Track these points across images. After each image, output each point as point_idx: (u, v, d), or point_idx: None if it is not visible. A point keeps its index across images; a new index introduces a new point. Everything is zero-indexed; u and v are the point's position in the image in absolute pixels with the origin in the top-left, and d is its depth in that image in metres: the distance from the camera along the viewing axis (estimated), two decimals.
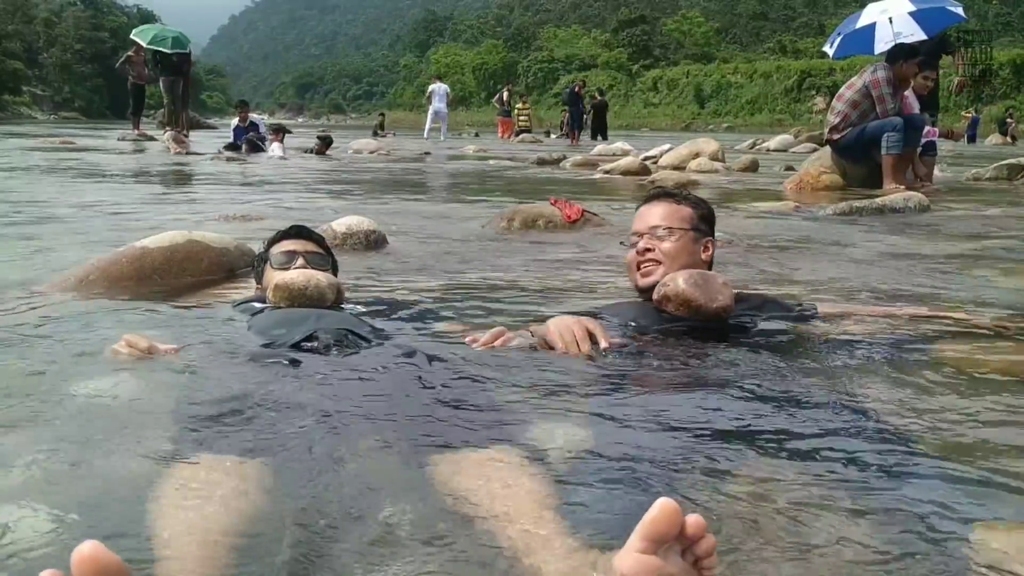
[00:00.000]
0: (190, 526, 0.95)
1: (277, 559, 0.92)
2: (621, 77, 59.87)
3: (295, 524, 0.99)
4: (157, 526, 0.96)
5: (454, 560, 0.93)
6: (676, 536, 0.81)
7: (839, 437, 1.28)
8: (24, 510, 1.02)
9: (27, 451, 1.20)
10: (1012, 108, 30.43)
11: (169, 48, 14.68)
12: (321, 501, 1.04)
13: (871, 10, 7.79)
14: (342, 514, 1.01)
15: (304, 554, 0.93)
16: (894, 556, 0.94)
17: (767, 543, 0.96)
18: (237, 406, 1.33)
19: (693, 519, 0.82)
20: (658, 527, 0.80)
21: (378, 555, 0.93)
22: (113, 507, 1.05)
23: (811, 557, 0.93)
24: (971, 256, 3.36)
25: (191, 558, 0.90)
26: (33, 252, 3.19)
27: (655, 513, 0.80)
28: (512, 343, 1.71)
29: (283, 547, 0.94)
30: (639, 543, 0.81)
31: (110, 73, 26.15)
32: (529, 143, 18.80)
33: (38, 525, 0.98)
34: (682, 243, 1.97)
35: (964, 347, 1.84)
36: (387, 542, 0.95)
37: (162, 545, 0.92)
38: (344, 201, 5.71)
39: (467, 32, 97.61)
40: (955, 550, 0.94)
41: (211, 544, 0.93)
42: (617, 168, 8.62)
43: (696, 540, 0.82)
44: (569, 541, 0.93)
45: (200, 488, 1.05)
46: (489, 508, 1.01)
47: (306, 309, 1.81)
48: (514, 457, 1.16)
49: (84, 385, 1.48)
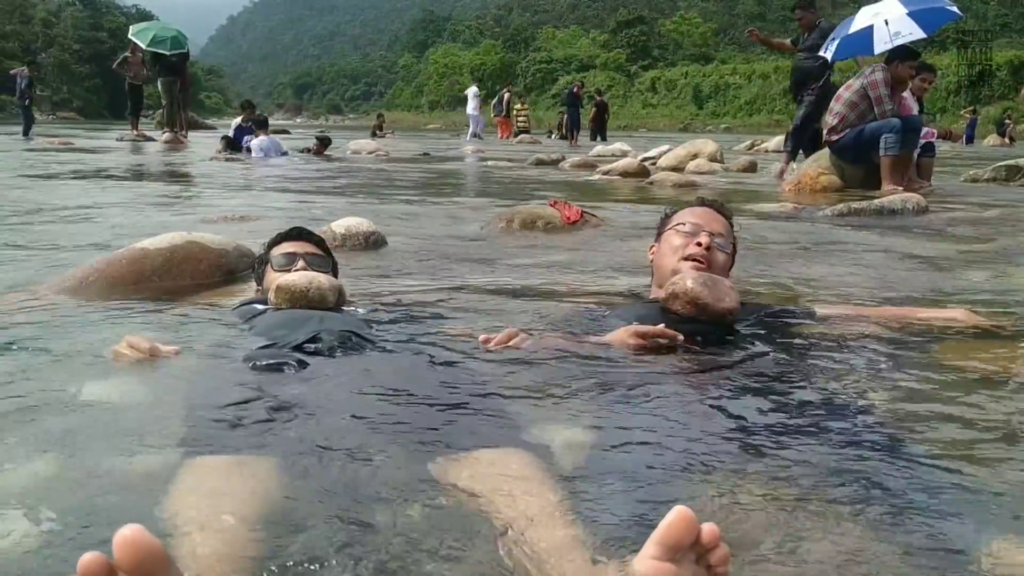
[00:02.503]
0: (201, 525, 0.95)
1: (288, 562, 0.91)
2: (619, 78, 59.90)
3: (304, 527, 0.98)
4: (170, 519, 0.95)
5: (467, 565, 0.92)
6: (692, 544, 0.81)
7: (844, 440, 1.28)
8: (24, 511, 1.02)
9: (27, 452, 1.20)
10: (1010, 109, 30.47)
11: (168, 49, 14.64)
12: (329, 504, 1.03)
13: (864, 13, 7.80)
14: (351, 518, 1.00)
15: (314, 558, 0.92)
16: (905, 566, 0.93)
17: (774, 548, 0.96)
18: (241, 408, 1.33)
19: (708, 527, 0.82)
20: (674, 534, 0.80)
21: (390, 557, 0.92)
22: (114, 508, 1.05)
23: (817, 565, 0.93)
24: (969, 257, 3.37)
25: (204, 556, 0.89)
26: (32, 253, 3.19)
27: (671, 520, 0.80)
28: (524, 344, 1.72)
29: (293, 550, 0.93)
30: (655, 549, 0.81)
31: (108, 73, 26.17)
32: (528, 144, 18.79)
33: (37, 527, 0.98)
34: (728, 259, 2.06)
35: (964, 348, 1.84)
36: (398, 544, 0.95)
37: (176, 535, 0.92)
38: (343, 202, 5.71)
39: (465, 32, 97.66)
40: (967, 563, 0.93)
41: (223, 542, 0.92)
42: (616, 169, 8.63)
43: (711, 548, 0.82)
44: (583, 545, 0.93)
45: (204, 490, 1.04)
46: (501, 511, 1.01)
47: (308, 311, 1.81)
48: (524, 459, 1.15)
49: (85, 386, 1.48)
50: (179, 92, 14.94)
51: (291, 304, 1.85)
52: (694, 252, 1.97)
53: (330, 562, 0.91)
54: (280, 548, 0.93)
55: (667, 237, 2.08)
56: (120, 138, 15.04)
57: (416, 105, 77.42)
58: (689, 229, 2.03)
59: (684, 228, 2.04)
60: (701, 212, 2.11)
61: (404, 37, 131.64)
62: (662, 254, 2.07)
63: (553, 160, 10.85)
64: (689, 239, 2.00)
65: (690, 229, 2.03)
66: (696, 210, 2.12)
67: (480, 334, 1.77)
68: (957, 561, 0.93)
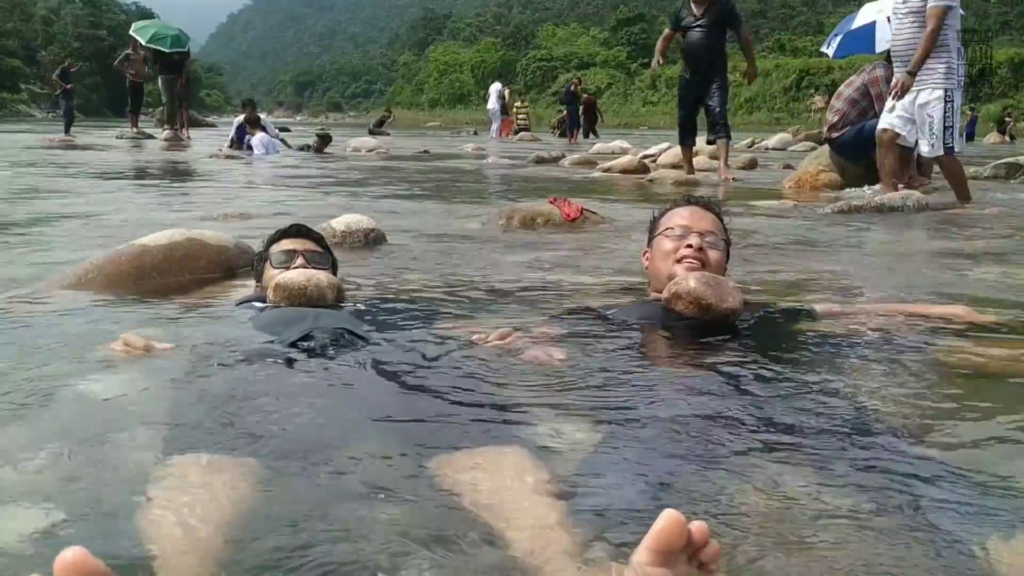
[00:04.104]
0: (185, 527, 0.94)
1: (275, 561, 0.90)
2: (619, 75, 59.82)
3: (294, 527, 0.97)
4: (150, 527, 0.94)
5: (462, 564, 0.91)
6: (684, 545, 0.81)
7: (845, 437, 1.27)
8: (14, 509, 1.01)
9: (20, 450, 1.20)
10: (1010, 107, 30.46)
11: (168, 47, 14.64)
12: (321, 503, 1.03)
13: (868, 9, 7.79)
14: (342, 516, 0.99)
15: (304, 557, 0.91)
16: (904, 564, 0.93)
17: (773, 545, 0.95)
18: (233, 406, 1.31)
19: (697, 526, 0.82)
20: (665, 539, 0.80)
21: (383, 558, 0.91)
22: (106, 506, 1.04)
23: (818, 562, 0.93)
24: (970, 254, 3.37)
25: (185, 560, 0.88)
26: (32, 250, 3.19)
27: (662, 525, 0.80)
28: (517, 344, 1.71)
29: (281, 549, 0.92)
30: (648, 556, 0.81)
31: (108, 71, 26.10)
32: (528, 141, 18.78)
33: (29, 525, 0.98)
34: (723, 255, 2.05)
35: (964, 345, 1.84)
36: (392, 544, 0.94)
37: (155, 546, 0.90)
38: (343, 199, 5.71)
39: (465, 30, 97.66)
40: (967, 562, 0.92)
41: (206, 545, 0.91)
42: (616, 167, 8.62)
43: (701, 546, 0.82)
44: (579, 545, 0.92)
45: (195, 489, 1.03)
46: (496, 510, 1.00)
47: (304, 308, 1.80)
48: (519, 456, 1.14)
49: (80, 383, 1.48)
50: (180, 90, 14.93)
51: (289, 302, 1.84)
52: (686, 254, 1.97)
53: (322, 565, 0.89)
54: (258, 553, 0.92)
55: (658, 242, 2.07)
56: (120, 135, 15.03)
57: (416, 103, 77.37)
58: (679, 232, 2.02)
59: (674, 232, 2.03)
60: (688, 212, 2.08)
61: (404, 35, 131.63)
62: (655, 259, 2.06)
63: (553, 158, 10.85)
64: (680, 242, 2.00)
65: (679, 232, 2.02)
66: (683, 211, 2.10)
67: (475, 333, 1.77)
68: (958, 559, 0.93)
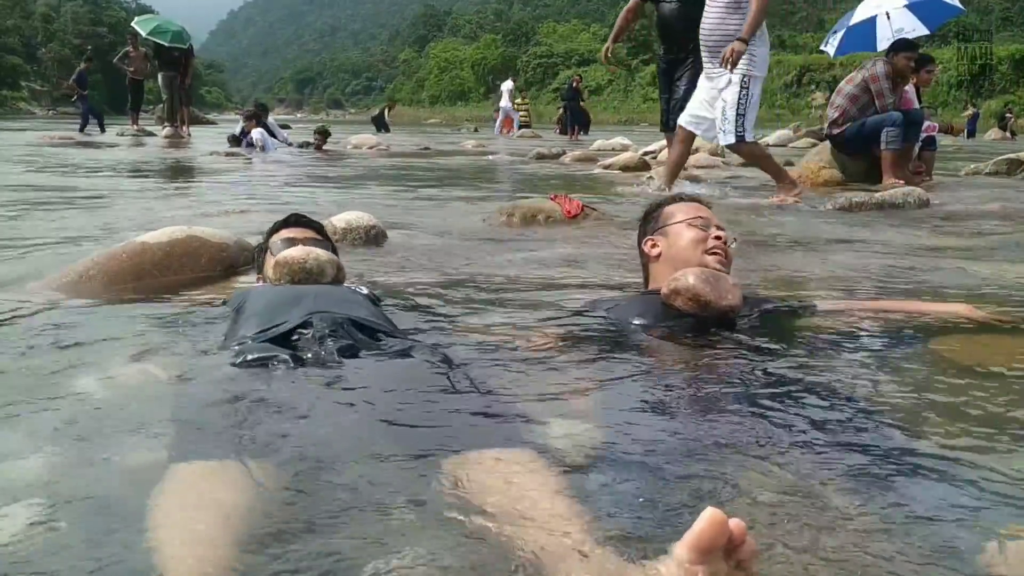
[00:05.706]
0: (190, 530, 0.92)
1: (283, 565, 0.89)
2: (620, 72, 59.74)
3: (301, 529, 0.96)
4: (154, 531, 0.93)
5: (476, 568, 0.89)
6: (724, 544, 0.81)
7: (846, 436, 1.27)
8: (15, 508, 1.01)
9: (21, 449, 1.19)
10: (1011, 103, 30.43)
11: (168, 42, 14.58)
12: (329, 504, 1.02)
13: (866, 5, 7.77)
14: (350, 519, 0.98)
15: (313, 559, 0.90)
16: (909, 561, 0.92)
17: (777, 544, 0.95)
18: (231, 408, 1.28)
19: (736, 524, 0.81)
20: (708, 537, 0.79)
21: (396, 559, 0.90)
22: (107, 506, 1.04)
23: (821, 560, 0.92)
24: (971, 250, 3.36)
25: (190, 563, 0.87)
26: (32, 248, 3.19)
27: (704, 524, 0.79)
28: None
29: (289, 553, 0.91)
30: (689, 553, 0.80)
31: (108, 68, 26.05)
32: (529, 138, 18.75)
33: (29, 524, 0.97)
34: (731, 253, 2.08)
35: (966, 342, 1.84)
36: (403, 548, 0.92)
37: (160, 549, 0.89)
38: (344, 195, 5.70)
39: (466, 27, 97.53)
40: (971, 559, 0.92)
41: (212, 548, 0.90)
42: (616, 163, 8.61)
43: (739, 544, 0.82)
44: (597, 545, 0.90)
45: (200, 491, 1.02)
46: (511, 512, 0.97)
47: (302, 288, 1.76)
48: (531, 457, 1.12)
49: (81, 382, 1.48)
50: (180, 87, 14.88)
51: (291, 278, 1.83)
52: (715, 246, 1.99)
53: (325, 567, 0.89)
54: (265, 556, 0.90)
55: (678, 231, 2.05)
56: (121, 133, 15.01)
57: (417, 100, 77.28)
58: (700, 222, 2.04)
59: (697, 222, 2.04)
60: (697, 207, 2.11)
61: (405, 31, 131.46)
62: (676, 247, 2.03)
63: (554, 154, 10.85)
64: (706, 233, 2.01)
65: (702, 223, 2.04)
66: (691, 205, 2.11)
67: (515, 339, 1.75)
68: (960, 557, 0.93)
